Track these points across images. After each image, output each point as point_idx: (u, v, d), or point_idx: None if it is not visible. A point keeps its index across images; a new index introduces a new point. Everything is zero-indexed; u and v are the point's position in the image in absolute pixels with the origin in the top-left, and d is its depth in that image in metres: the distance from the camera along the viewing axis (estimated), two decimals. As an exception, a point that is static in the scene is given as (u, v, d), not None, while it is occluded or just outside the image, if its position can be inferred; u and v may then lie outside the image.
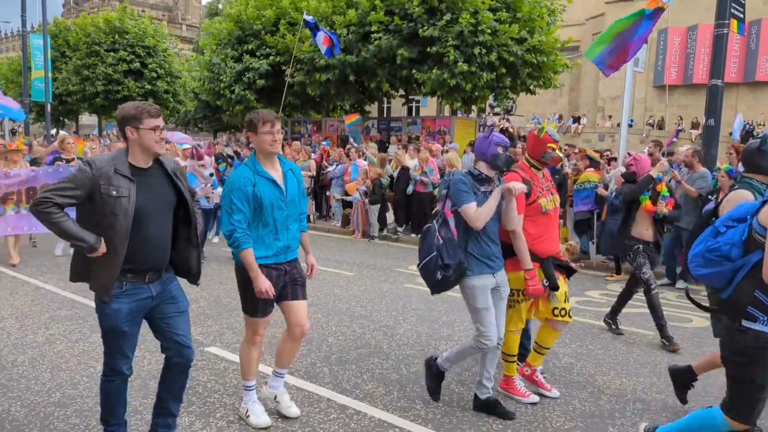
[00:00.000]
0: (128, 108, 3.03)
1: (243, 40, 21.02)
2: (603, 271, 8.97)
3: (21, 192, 8.38)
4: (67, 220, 2.91)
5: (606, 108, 31.43)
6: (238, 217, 3.52)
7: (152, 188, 3.07)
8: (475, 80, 16.20)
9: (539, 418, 4.01)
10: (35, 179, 8.43)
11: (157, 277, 3.13)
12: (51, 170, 8.59)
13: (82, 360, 4.81)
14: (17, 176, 8.36)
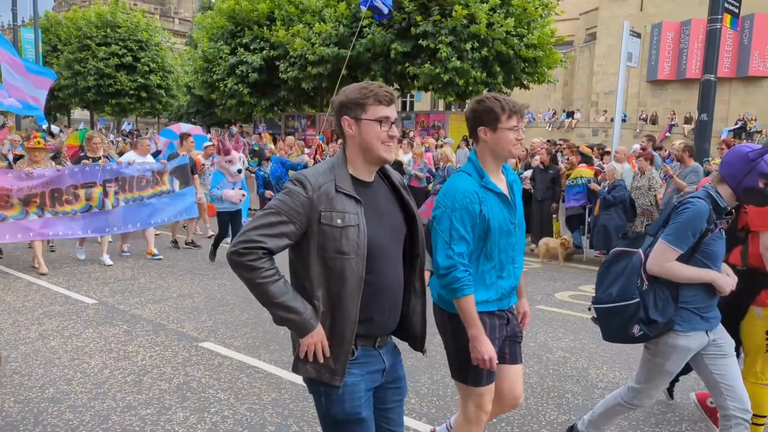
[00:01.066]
0: (351, 91, 2.12)
1: (236, 33, 20.92)
2: (596, 266, 9.00)
3: (45, 194, 7.59)
4: (279, 279, 1.99)
5: (599, 103, 31.51)
6: (461, 248, 2.52)
7: (379, 211, 2.14)
8: (467, 76, 16.21)
9: (533, 411, 4.03)
10: (60, 180, 7.72)
11: (385, 342, 2.26)
12: (77, 170, 7.94)
13: (75, 356, 4.79)
14: (41, 176, 7.55)
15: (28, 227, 7.47)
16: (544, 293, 7.35)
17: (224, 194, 7.89)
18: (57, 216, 7.69)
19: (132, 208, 8.32)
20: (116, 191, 8.15)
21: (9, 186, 7.30)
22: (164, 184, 8.72)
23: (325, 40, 17.55)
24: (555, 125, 29.51)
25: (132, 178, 8.35)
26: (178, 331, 5.46)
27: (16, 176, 7.41)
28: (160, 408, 3.88)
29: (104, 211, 8.03)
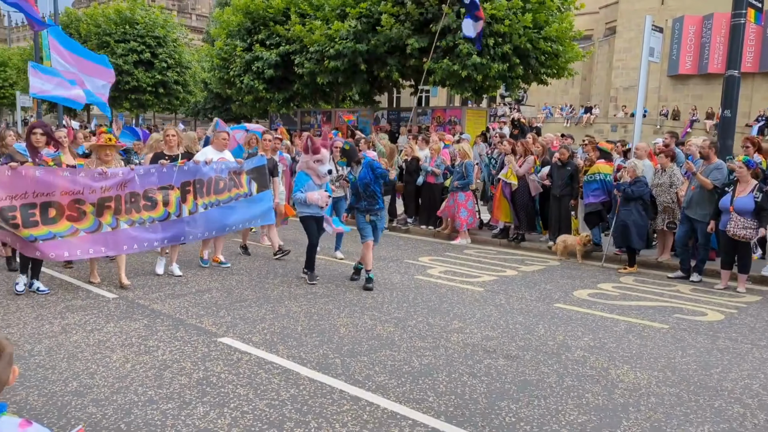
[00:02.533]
0: None
1: (253, 30, 21.00)
2: (616, 264, 8.92)
3: (120, 198, 6.62)
4: None
5: (619, 98, 31.14)
6: None
7: None
8: (486, 71, 16.10)
9: (552, 411, 4.00)
10: (136, 181, 6.78)
11: None
12: (154, 170, 6.96)
13: (97, 350, 4.85)
14: (114, 176, 6.60)
15: (102, 241, 6.52)
16: (562, 291, 7.30)
17: (308, 197, 7.00)
18: (133, 226, 6.74)
19: (210, 214, 7.46)
20: (194, 195, 7.27)
21: (80, 187, 6.32)
22: (242, 187, 7.81)
23: (342, 36, 17.53)
24: (572, 121, 29.22)
25: (210, 179, 7.43)
26: (197, 327, 5.50)
27: (88, 175, 6.45)
28: (180, 403, 3.92)
29: (181, 218, 7.16)
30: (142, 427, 3.60)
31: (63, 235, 6.21)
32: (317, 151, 7.06)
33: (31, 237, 6.04)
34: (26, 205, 5.98)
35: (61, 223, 6.21)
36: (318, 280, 7.27)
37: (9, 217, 5.89)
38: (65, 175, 6.29)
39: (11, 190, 5.91)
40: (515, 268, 8.49)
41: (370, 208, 7.10)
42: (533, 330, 5.72)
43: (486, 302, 6.65)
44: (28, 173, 6.03)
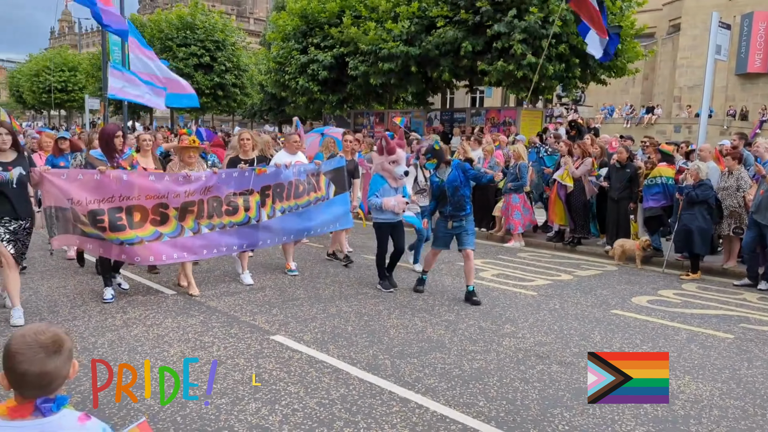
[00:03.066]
0: None
1: (308, 32, 21.34)
2: (677, 270, 8.57)
3: (203, 202, 6.45)
4: None
5: (683, 98, 29.93)
6: None
7: None
8: (542, 71, 15.80)
9: (608, 421, 3.87)
10: (218, 186, 6.57)
11: None
12: (236, 174, 6.79)
13: (156, 344, 5.02)
14: (198, 180, 6.40)
15: (184, 245, 6.38)
16: (620, 297, 7.07)
17: (384, 203, 6.60)
18: (214, 231, 6.58)
19: (288, 219, 7.24)
20: (273, 200, 7.07)
21: (165, 191, 6.19)
22: (320, 189, 7.56)
23: (395, 37, 17.57)
24: (633, 121, 28.28)
25: (290, 183, 7.21)
26: (250, 324, 5.62)
27: (173, 180, 6.30)
28: (233, 398, 4.00)
29: (260, 223, 6.97)
30: (196, 420, 3.70)
31: (149, 239, 6.11)
32: (392, 152, 6.60)
33: (118, 240, 5.94)
34: (113, 209, 5.90)
35: (146, 227, 6.09)
36: (396, 289, 6.91)
37: (97, 220, 5.83)
38: (151, 180, 6.20)
39: (99, 193, 5.84)
40: (570, 273, 8.28)
41: (455, 214, 6.53)
42: (588, 336, 5.56)
43: (539, 307, 6.51)
44: (116, 177, 5.96)
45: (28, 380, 1.73)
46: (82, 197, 5.77)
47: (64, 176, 5.81)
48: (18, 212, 5.37)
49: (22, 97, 46.76)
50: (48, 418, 1.73)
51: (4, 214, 5.32)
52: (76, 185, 5.77)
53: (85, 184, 5.81)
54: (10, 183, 5.29)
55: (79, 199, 5.76)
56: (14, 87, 49.23)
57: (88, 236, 5.94)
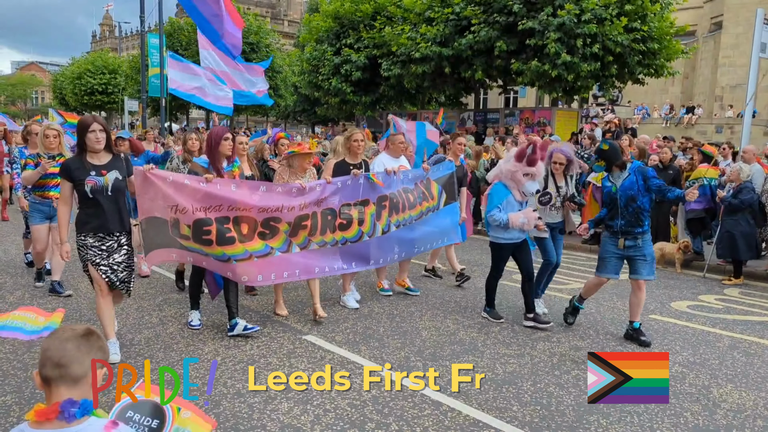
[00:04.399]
0: None
1: (341, 34, 21.46)
2: (719, 275, 8.32)
3: (316, 216, 5.58)
4: None
5: (725, 97, 29.11)
6: None
7: None
8: (577, 70, 15.55)
9: (646, 428, 3.77)
10: (333, 196, 5.72)
11: None
12: (350, 182, 5.82)
13: (190, 342, 5.09)
14: (312, 191, 5.57)
15: (295, 263, 5.52)
16: (659, 302, 6.89)
17: (511, 220, 5.49)
18: (324, 247, 5.68)
19: (402, 234, 6.27)
20: (390, 212, 6.10)
21: (278, 203, 5.35)
22: (432, 199, 6.57)
23: (428, 40, 17.52)
24: (672, 121, 27.60)
25: (399, 192, 6.22)
26: (283, 323, 5.65)
27: (286, 191, 5.46)
28: (266, 397, 4.03)
29: (374, 238, 5.99)
30: (230, 418, 3.74)
31: (259, 255, 5.22)
32: (533, 163, 5.47)
33: (225, 256, 5.04)
34: (221, 218, 5.04)
35: (254, 240, 5.22)
36: (504, 319, 5.95)
37: (203, 231, 4.96)
38: (262, 191, 5.32)
39: (205, 201, 5.01)
40: (606, 276, 8.10)
41: (628, 230, 5.31)
42: (625, 342, 5.43)
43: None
44: (224, 186, 5.11)
45: (48, 356, 1.71)
46: (188, 204, 4.92)
47: (169, 179, 4.94)
48: (114, 225, 4.51)
49: (65, 99, 48.17)
50: (72, 425, 1.69)
51: (97, 229, 4.46)
52: (183, 191, 4.93)
53: (193, 192, 4.97)
54: (104, 190, 4.43)
55: (185, 206, 4.90)
56: (58, 89, 50.77)
57: (189, 251, 5.06)
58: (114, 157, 4.56)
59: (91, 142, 4.40)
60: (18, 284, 6.84)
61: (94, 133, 4.38)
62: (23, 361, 4.54)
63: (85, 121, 4.48)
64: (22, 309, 3.03)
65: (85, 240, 4.48)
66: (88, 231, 4.47)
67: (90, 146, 4.41)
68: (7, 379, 4.23)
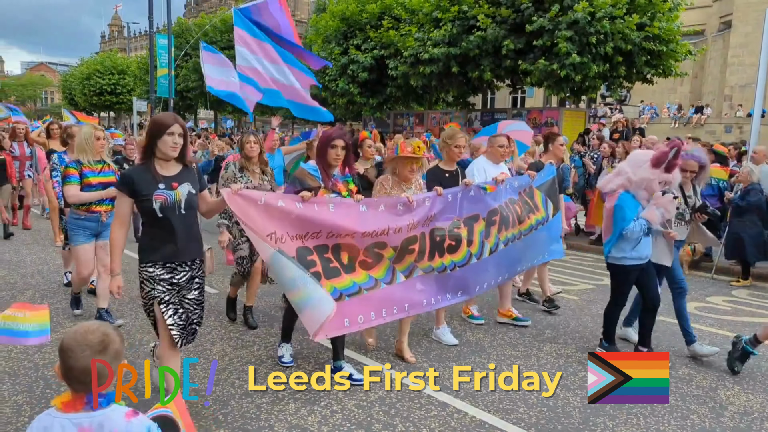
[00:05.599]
0: None
1: (348, 34, 21.51)
2: (727, 276, 8.28)
3: (425, 237, 4.56)
4: None
5: (734, 97, 28.94)
6: None
7: None
8: (585, 71, 15.51)
9: (652, 431, 3.77)
10: (442, 213, 4.71)
11: None
12: (460, 194, 4.87)
13: (199, 342, 5.12)
14: (421, 206, 4.55)
15: (400, 295, 4.45)
16: (666, 303, 6.82)
17: (649, 218, 4.62)
18: (430, 274, 4.63)
19: (509, 252, 5.28)
20: (499, 228, 5.14)
21: (385, 224, 4.32)
22: (539, 210, 5.67)
23: (436, 42, 17.53)
24: (681, 121, 27.46)
25: (506, 204, 5.30)
26: (290, 324, 5.68)
27: (390, 208, 4.41)
28: (273, 398, 4.06)
29: (481, 260, 4.97)
30: (238, 418, 3.77)
31: (367, 288, 4.25)
32: (671, 169, 4.59)
33: (335, 292, 4.05)
34: (320, 247, 4.08)
35: (358, 271, 4.25)
36: None
37: (308, 263, 3.98)
38: (362, 211, 4.26)
39: (302, 227, 4.00)
40: (614, 277, 8.09)
41: None
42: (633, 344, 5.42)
43: (582, 312, 6.39)
44: (322, 207, 4.10)
45: (73, 375, 1.85)
46: (284, 231, 3.92)
47: (261, 200, 3.88)
48: (188, 252, 3.55)
49: (74, 99, 48.54)
50: (98, 411, 1.86)
51: (165, 257, 3.49)
52: (276, 214, 3.93)
53: (286, 215, 3.96)
54: (176, 207, 3.47)
55: (282, 234, 3.91)
56: (67, 90, 51.16)
57: None
58: (185, 168, 3.59)
59: (166, 147, 3.44)
60: (28, 284, 6.90)
61: (172, 137, 3.43)
62: (34, 360, 4.59)
63: (163, 120, 3.48)
64: (13, 307, 3.08)
65: (152, 272, 3.47)
66: (156, 260, 3.48)
67: (164, 152, 3.46)
68: (18, 378, 4.28)
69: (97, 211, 5.32)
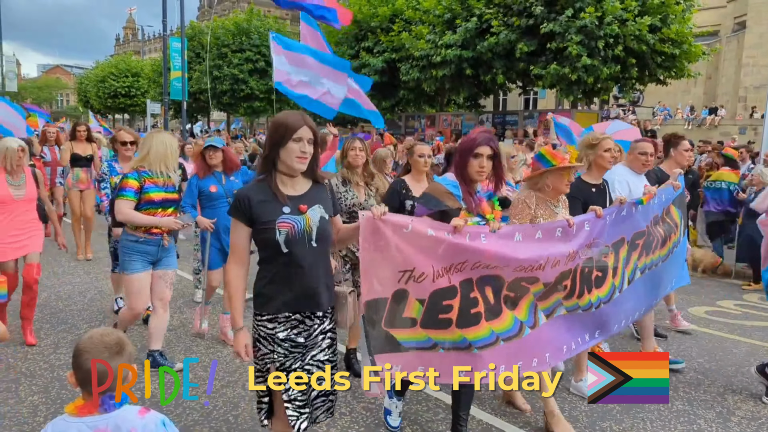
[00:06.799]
0: None
1: (360, 37, 21.60)
2: (739, 279, 8.23)
3: (577, 270, 3.56)
4: None
5: (748, 98, 28.67)
6: None
7: None
8: (597, 73, 15.49)
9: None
10: (600, 239, 3.73)
11: None
12: (615, 214, 3.86)
13: (211, 344, 5.21)
14: (581, 230, 3.58)
15: (543, 341, 3.42)
16: (676, 307, 6.84)
17: None
18: (574, 313, 3.61)
19: (645, 282, 4.27)
20: (641, 253, 4.17)
21: (544, 257, 3.33)
22: (677, 230, 4.64)
23: (449, 44, 17.57)
24: (695, 123, 27.24)
25: (652, 224, 4.32)
26: (300, 326, 5.73)
27: (548, 235, 3.41)
28: (283, 400, 4.11)
29: (622, 293, 3.97)
30: (248, 420, 3.83)
31: (506, 337, 3.22)
32: None
33: (464, 342, 3.06)
34: (465, 283, 3.09)
35: (504, 315, 3.24)
36: None
37: (441, 308, 3.01)
38: (518, 240, 3.27)
39: (447, 257, 3.02)
40: (624, 281, 8.07)
41: None
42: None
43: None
44: (476, 236, 3.09)
45: (90, 377, 1.89)
46: (428, 266, 2.96)
47: (408, 227, 2.90)
48: (318, 299, 2.65)
49: (89, 101, 49.11)
50: (112, 413, 1.91)
51: (293, 306, 2.61)
52: (423, 244, 2.95)
53: (435, 244, 2.98)
54: (306, 238, 2.59)
55: (424, 270, 2.94)
56: (82, 92, 51.77)
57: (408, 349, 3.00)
58: (314, 185, 2.71)
59: (291, 159, 2.54)
60: (72, 310, 7.01)
61: (299, 144, 2.53)
62: (50, 362, 4.69)
63: (288, 121, 2.54)
64: None
65: (273, 329, 2.60)
66: (275, 310, 2.60)
67: (288, 165, 2.57)
68: (34, 379, 4.38)
69: (158, 234, 4.37)
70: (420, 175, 4.32)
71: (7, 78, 39.19)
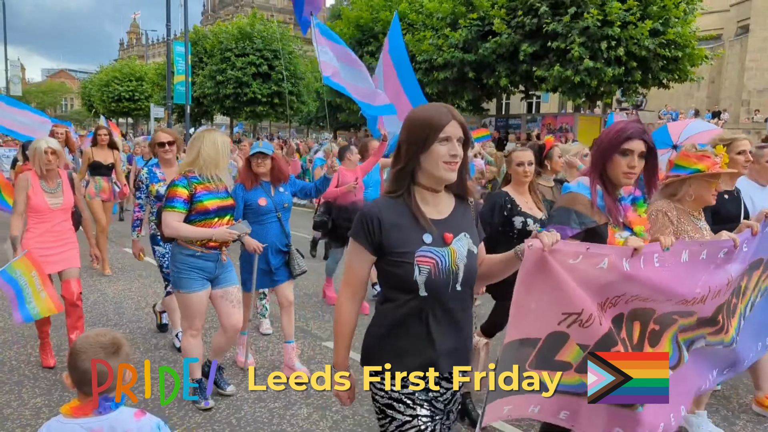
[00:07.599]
0: None
1: (363, 41, 21.65)
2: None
3: (730, 300, 2.88)
4: None
5: (752, 102, 28.62)
6: None
7: None
8: (600, 75, 15.50)
9: (664, 439, 3.76)
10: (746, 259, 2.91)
11: None
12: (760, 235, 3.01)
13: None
14: (741, 253, 2.80)
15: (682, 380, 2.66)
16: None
17: None
18: (713, 348, 2.86)
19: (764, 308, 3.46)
20: (762, 274, 3.35)
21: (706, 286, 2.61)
22: None
23: (451, 45, 17.61)
24: (698, 126, 27.19)
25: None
26: (303, 329, 5.74)
27: (712, 257, 2.63)
28: (286, 402, 4.11)
29: (746, 320, 3.25)
30: (251, 423, 3.83)
31: None
32: None
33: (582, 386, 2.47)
34: (617, 320, 2.46)
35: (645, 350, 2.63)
36: None
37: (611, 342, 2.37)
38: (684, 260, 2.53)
39: (602, 291, 2.32)
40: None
41: None
42: (646, 351, 5.40)
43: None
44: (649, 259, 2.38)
45: (87, 378, 1.87)
46: (592, 305, 2.29)
47: (579, 257, 2.21)
48: (457, 356, 2.21)
49: (93, 105, 49.30)
50: (107, 414, 1.90)
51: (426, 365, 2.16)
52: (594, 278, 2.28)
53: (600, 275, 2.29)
54: (451, 279, 2.01)
55: (592, 312, 2.28)
56: (86, 96, 51.97)
57: None
58: (459, 203, 2.12)
59: (437, 167, 1.96)
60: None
61: (448, 145, 1.94)
62: (53, 364, 4.69)
63: (434, 116, 1.95)
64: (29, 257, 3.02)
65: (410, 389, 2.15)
66: (411, 367, 2.14)
67: (433, 175, 1.98)
68: (37, 381, 4.38)
69: (216, 248, 3.88)
70: (521, 186, 3.85)
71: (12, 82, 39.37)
